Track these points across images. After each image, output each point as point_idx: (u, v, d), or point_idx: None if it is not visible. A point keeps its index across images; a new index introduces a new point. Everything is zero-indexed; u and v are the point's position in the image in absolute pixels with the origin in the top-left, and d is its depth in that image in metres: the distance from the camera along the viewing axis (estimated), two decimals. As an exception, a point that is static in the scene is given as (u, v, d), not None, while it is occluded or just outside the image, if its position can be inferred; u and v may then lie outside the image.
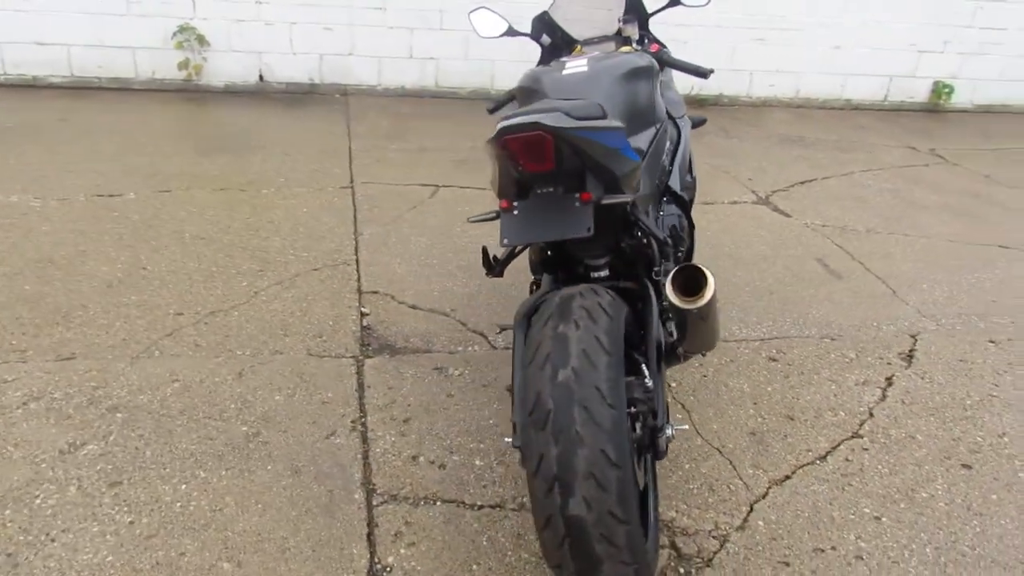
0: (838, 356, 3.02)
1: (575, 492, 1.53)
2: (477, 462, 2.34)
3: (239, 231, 3.71)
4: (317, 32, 6.04)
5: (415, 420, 2.51)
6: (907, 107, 7.04)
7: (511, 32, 2.91)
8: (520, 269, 3.36)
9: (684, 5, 2.79)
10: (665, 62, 2.66)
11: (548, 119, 1.61)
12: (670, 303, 1.71)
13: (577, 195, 1.74)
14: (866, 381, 2.86)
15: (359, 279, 3.37)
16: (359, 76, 6.26)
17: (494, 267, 2.15)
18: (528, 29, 2.94)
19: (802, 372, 2.90)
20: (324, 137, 5.20)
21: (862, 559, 2.06)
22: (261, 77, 6.12)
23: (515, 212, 1.77)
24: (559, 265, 2.19)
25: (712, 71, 2.70)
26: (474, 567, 1.97)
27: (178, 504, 2.10)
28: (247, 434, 2.39)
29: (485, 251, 2.18)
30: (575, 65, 2.32)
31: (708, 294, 1.62)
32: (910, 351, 3.07)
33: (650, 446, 1.84)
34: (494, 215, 1.96)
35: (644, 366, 1.81)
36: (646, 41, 2.75)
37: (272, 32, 5.98)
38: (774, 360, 2.96)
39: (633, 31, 2.74)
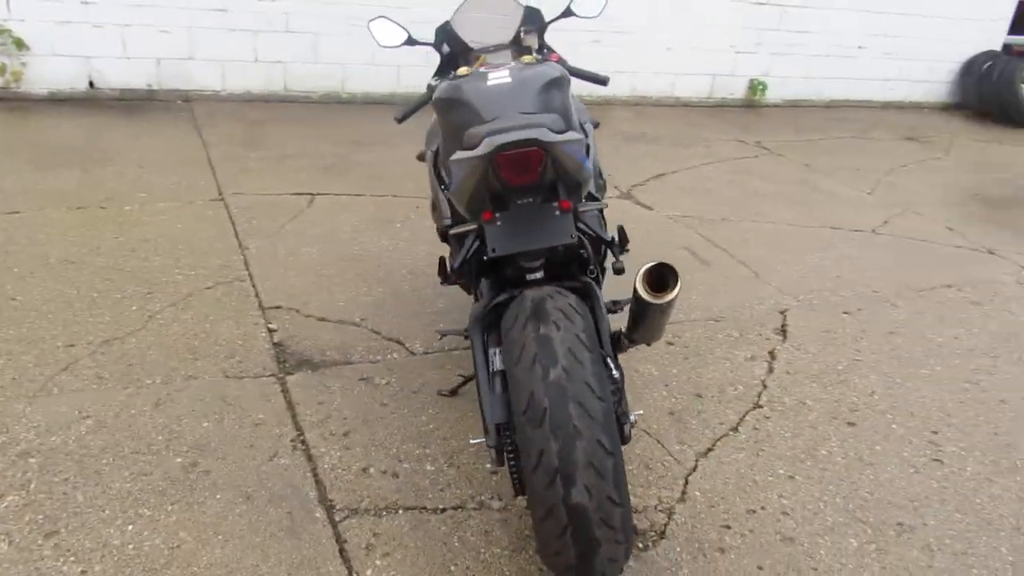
0: (724, 336, 3.32)
1: (576, 482, 1.63)
2: (428, 467, 2.38)
3: (112, 252, 3.47)
4: (153, 35, 5.69)
5: (355, 433, 2.50)
6: (729, 103, 7.69)
7: (411, 42, 2.94)
8: (416, 274, 3.42)
9: (576, 15, 2.94)
10: (567, 71, 2.81)
11: (539, 135, 1.70)
12: (637, 297, 1.84)
13: (556, 204, 1.84)
14: (753, 356, 3.17)
15: (258, 295, 3.27)
16: (202, 81, 5.96)
17: (449, 276, 2.19)
18: (422, 37, 2.98)
19: (698, 353, 3.16)
20: (176, 147, 4.93)
21: (787, 514, 2.32)
22: (91, 84, 5.68)
23: (498, 223, 1.84)
24: (491, 270, 2.27)
25: (609, 78, 2.89)
26: (452, 568, 2.03)
27: (130, 546, 1.99)
28: (184, 465, 2.28)
29: (442, 261, 2.23)
30: (497, 76, 2.40)
31: (676, 290, 1.77)
32: (783, 326, 3.44)
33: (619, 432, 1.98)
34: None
35: (608, 359, 1.94)
36: (545, 51, 2.88)
37: (102, 35, 5.56)
38: (671, 344, 3.21)
39: (533, 41, 2.86)
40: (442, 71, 3.02)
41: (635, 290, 1.83)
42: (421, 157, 2.93)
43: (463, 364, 2.90)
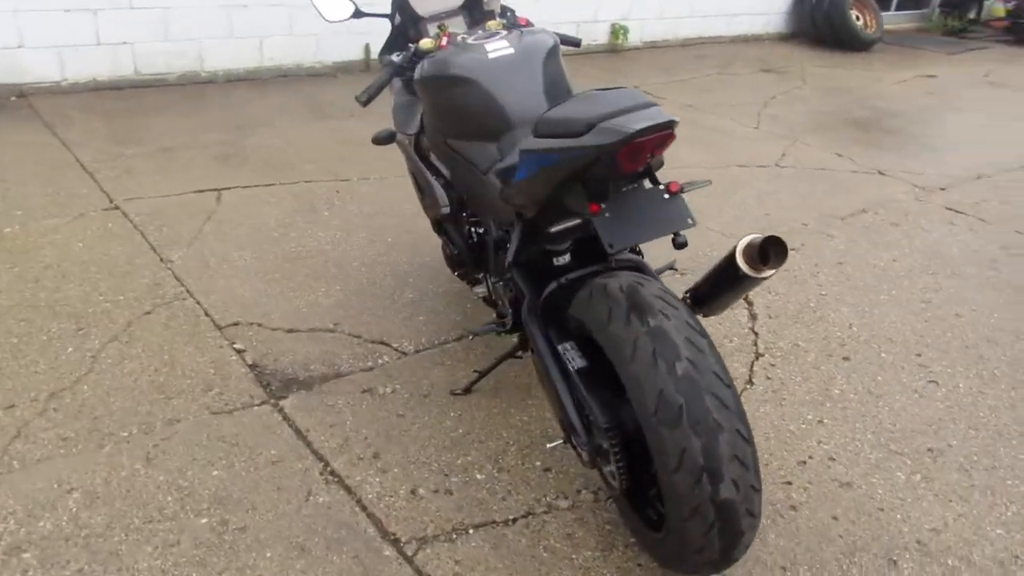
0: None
1: (724, 477, 1.55)
2: (478, 476, 2.22)
3: (12, 287, 2.96)
4: (-31, 23, 4.89)
5: (385, 452, 2.29)
6: (593, 49, 7.70)
7: (358, 14, 2.66)
8: (370, 265, 3.18)
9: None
10: None
11: (664, 116, 1.55)
12: (732, 268, 1.75)
13: (662, 188, 1.70)
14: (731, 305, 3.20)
15: (207, 313, 2.91)
16: (37, 72, 5.21)
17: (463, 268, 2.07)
18: (368, 8, 2.70)
19: (681, 309, 3.15)
20: (33, 152, 4.28)
21: (834, 459, 2.37)
22: (-101, 86, 4.81)
23: (606, 215, 1.67)
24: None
25: (581, 40, 2.76)
26: (552, 582, 1.91)
27: (194, 633, 1.71)
28: (212, 526, 2.00)
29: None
30: (497, 48, 2.21)
31: (780, 265, 1.70)
32: (745, 271, 3.49)
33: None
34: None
35: None
36: (508, 13, 2.70)
37: (-95, 27, 4.71)
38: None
39: (496, 4, 2.67)
40: (393, 44, 2.76)
41: (731, 261, 1.74)
42: (381, 140, 2.67)
43: (461, 358, 2.74)
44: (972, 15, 10.70)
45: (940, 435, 2.50)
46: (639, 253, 2.18)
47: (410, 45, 2.53)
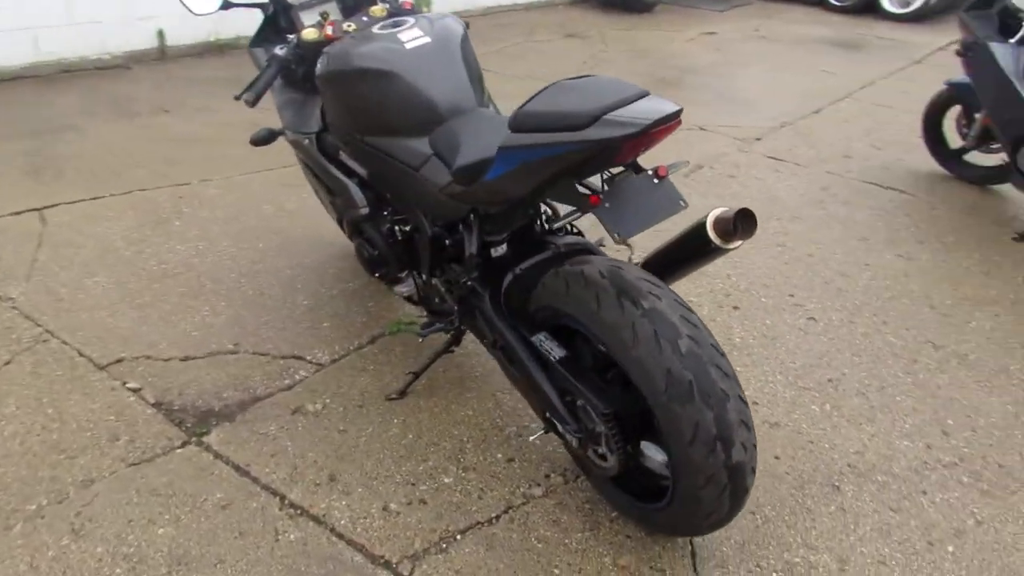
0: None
1: (735, 442, 1.63)
2: (446, 480, 2.17)
3: None
4: None
5: (340, 473, 2.17)
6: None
7: (227, 4, 2.43)
8: (250, 275, 2.99)
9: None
10: None
11: (673, 106, 1.55)
12: (700, 239, 1.79)
13: (651, 172, 1.70)
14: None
15: (81, 353, 2.57)
16: None
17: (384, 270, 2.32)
18: (237, -1, 2.48)
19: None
20: None
21: (758, 403, 2.55)
22: None
23: (606, 205, 1.65)
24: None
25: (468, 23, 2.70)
26: (555, 571, 1.92)
27: None
28: (181, 589, 1.80)
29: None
30: (412, 36, 2.12)
31: (749, 236, 1.77)
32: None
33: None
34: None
35: None
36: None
37: None
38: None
39: (374, -13, 2.54)
40: (264, 35, 2.56)
41: (700, 233, 1.78)
42: (261, 141, 2.49)
43: (383, 361, 2.64)
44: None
45: (833, 366, 2.77)
46: (579, 233, 2.20)
47: (289, 36, 2.35)
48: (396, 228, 2.33)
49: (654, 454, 1.90)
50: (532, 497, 2.13)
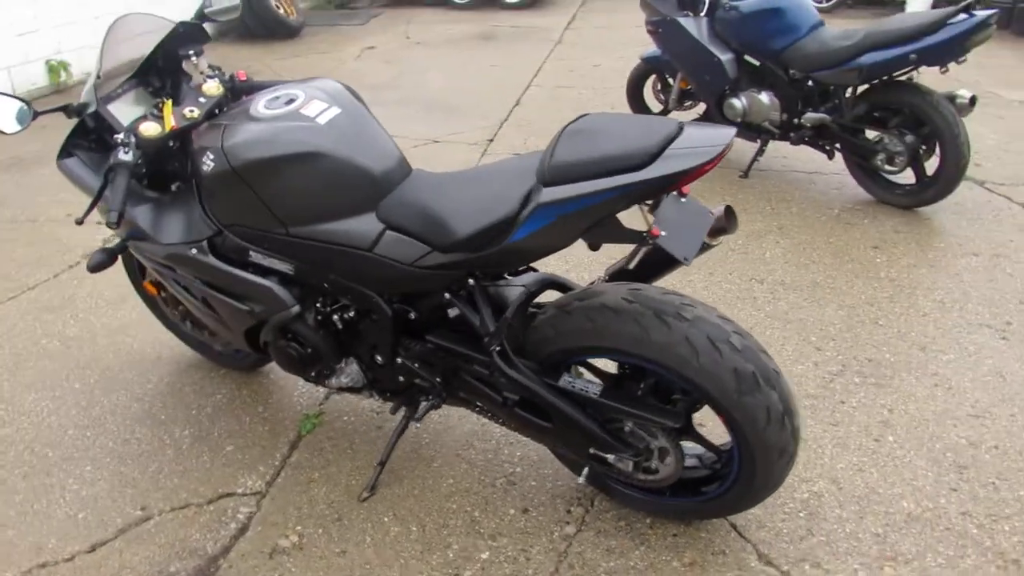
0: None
1: (794, 411, 1.80)
2: (484, 555, 2.06)
3: None
4: None
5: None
6: (37, 94, 6.53)
7: (34, 115, 1.99)
8: (98, 421, 2.57)
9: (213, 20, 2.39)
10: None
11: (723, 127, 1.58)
12: None
13: (675, 193, 1.71)
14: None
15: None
16: None
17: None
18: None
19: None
20: None
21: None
22: None
23: (663, 234, 1.63)
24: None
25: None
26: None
27: None
28: None
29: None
30: (319, 110, 1.94)
31: (732, 232, 1.89)
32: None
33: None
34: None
35: None
36: (225, 72, 2.30)
37: None
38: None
39: (203, 63, 2.25)
40: (73, 143, 2.15)
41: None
42: (102, 265, 2.13)
43: (322, 463, 2.40)
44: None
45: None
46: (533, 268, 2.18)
47: (116, 136, 1.98)
48: (335, 317, 2.11)
49: (691, 451, 2.01)
50: (570, 536, 2.11)
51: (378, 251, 1.89)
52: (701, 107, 4.93)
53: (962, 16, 3.45)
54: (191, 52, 2.20)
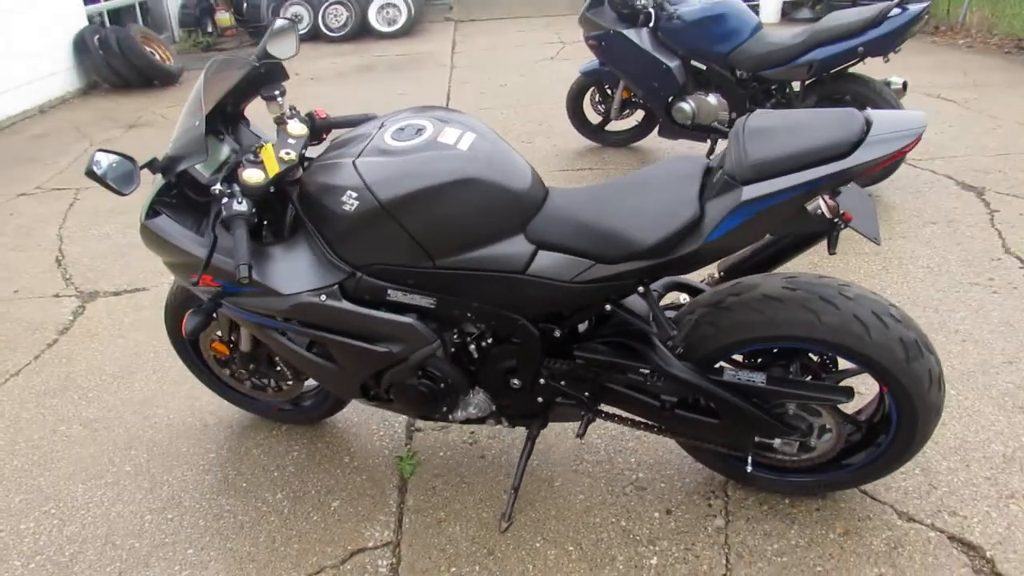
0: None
1: (943, 373, 1.94)
2: (653, 561, 2.06)
3: None
4: None
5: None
6: None
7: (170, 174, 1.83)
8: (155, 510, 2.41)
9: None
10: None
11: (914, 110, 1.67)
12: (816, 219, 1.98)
13: None
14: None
15: None
16: None
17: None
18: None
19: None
20: None
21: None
22: None
23: (856, 218, 1.69)
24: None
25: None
26: (818, 569, 2.02)
27: None
28: None
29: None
30: (456, 136, 1.90)
31: None
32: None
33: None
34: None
35: None
36: (295, 111, 2.18)
37: None
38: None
39: (285, 103, 2.14)
40: (161, 203, 1.99)
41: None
42: (201, 327, 2.00)
43: (441, 502, 2.32)
44: (210, 29, 11.36)
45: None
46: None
47: (218, 188, 1.87)
48: (471, 348, 2.06)
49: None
50: (722, 528, 2.16)
51: (532, 272, 1.87)
52: (639, 115, 5.15)
53: (897, 10, 3.82)
54: (276, 92, 2.08)
